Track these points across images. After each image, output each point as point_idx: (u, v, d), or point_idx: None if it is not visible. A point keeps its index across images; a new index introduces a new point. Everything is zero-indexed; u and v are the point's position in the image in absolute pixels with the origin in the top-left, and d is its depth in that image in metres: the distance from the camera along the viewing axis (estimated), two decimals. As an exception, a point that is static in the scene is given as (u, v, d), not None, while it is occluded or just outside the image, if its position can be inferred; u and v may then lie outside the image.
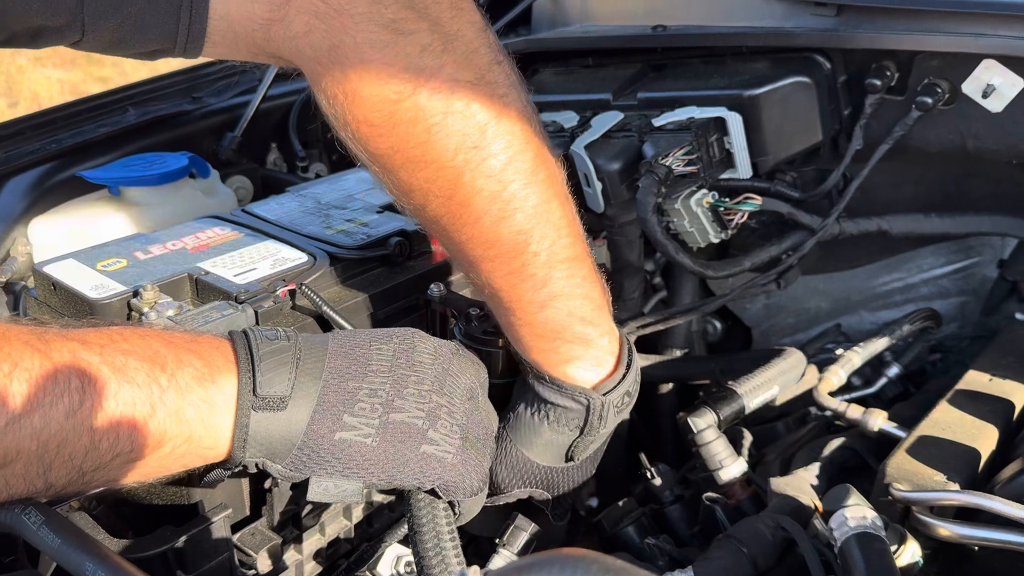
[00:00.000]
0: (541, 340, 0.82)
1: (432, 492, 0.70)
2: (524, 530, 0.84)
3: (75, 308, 0.86)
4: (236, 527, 0.84)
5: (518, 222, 0.77)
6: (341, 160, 1.54)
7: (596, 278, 0.83)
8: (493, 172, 0.76)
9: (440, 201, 0.77)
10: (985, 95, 1.10)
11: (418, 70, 0.72)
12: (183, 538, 0.75)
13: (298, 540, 0.88)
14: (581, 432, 0.83)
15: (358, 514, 0.94)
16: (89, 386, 0.61)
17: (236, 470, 0.69)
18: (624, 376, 0.83)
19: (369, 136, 0.75)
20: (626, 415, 0.87)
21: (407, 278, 0.96)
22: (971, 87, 1.11)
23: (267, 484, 0.86)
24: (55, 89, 5.33)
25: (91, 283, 0.86)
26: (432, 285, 0.94)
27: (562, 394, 0.81)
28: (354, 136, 0.76)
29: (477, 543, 0.98)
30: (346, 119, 0.75)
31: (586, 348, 0.82)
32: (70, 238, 1.14)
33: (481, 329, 0.88)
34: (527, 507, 0.90)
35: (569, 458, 0.85)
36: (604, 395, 0.81)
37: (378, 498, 0.96)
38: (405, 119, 0.73)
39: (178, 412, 0.64)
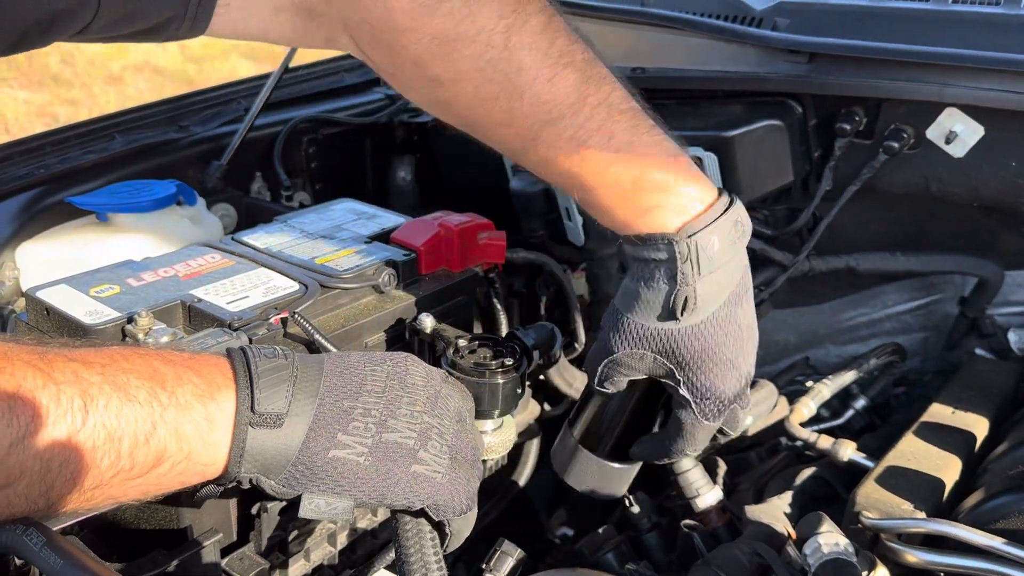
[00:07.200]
0: (617, 196, 0.80)
1: (421, 512, 0.71)
2: (511, 555, 0.85)
3: (68, 334, 0.86)
4: (224, 552, 0.84)
5: (571, 77, 0.78)
6: (324, 190, 1.56)
7: (662, 131, 0.82)
8: (538, 29, 0.78)
9: (491, 73, 0.79)
10: (948, 141, 1.15)
11: None
12: (175, 562, 0.76)
13: (284, 566, 0.89)
14: (676, 282, 0.78)
15: (343, 540, 0.95)
16: (92, 405, 0.61)
17: (229, 486, 0.69)
18: (725, 211, 0.79)
19: (410, 28, 0.77)
20: (743, 244, 0.82)
21: (396, 307, 0.97)
22: (935, 133, 1.16)
23: (255, 509, 0.87)
24: (21, 111, 5.27)
25: (85, 309, 0.86)
26: (421, 315, 0.95)
27: (643, 246, 0.79)
28: (391, 40, 0.78)
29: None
30: (384, 22, 0.77)
31: (666, 194, 0.79)
32: (58, 263, 1.13)
33: (469, 361, 0.87)
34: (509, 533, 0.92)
35: (674, 315, 0.79)
36: (690, 236, 0.77)
37: (362, 524, 0.97)
38: None
39: (178, 429, 0.64)
